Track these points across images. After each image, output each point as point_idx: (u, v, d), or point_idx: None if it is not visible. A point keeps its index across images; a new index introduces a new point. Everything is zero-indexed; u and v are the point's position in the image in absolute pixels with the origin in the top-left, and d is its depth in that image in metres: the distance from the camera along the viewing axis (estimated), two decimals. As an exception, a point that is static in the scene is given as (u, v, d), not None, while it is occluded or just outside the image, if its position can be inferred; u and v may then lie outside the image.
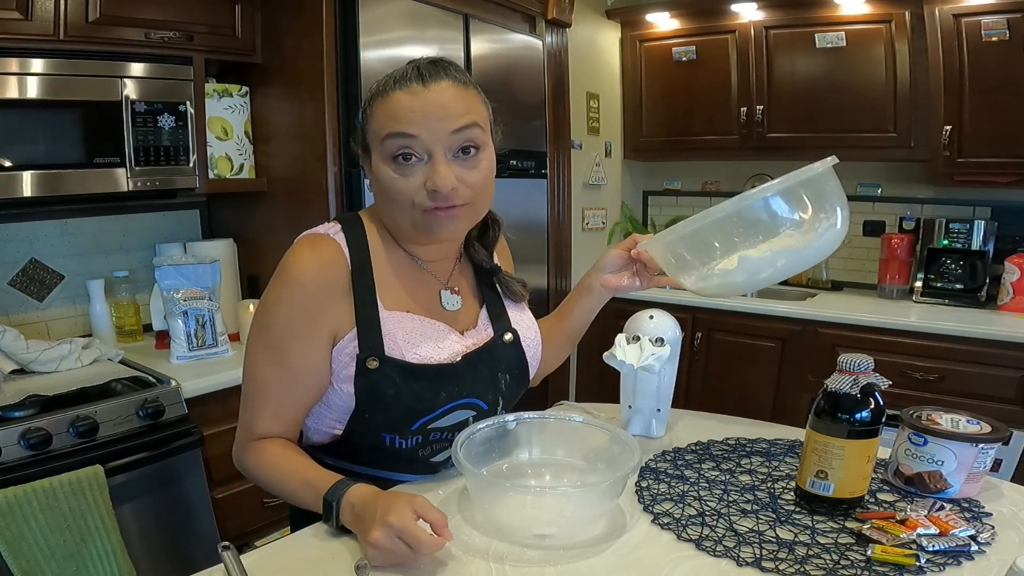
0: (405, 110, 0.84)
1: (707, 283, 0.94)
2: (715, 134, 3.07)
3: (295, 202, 2.07)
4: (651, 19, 3.14)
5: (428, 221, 0.88)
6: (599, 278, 1.07)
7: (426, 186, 0.85)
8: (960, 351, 2.30)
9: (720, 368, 2.86)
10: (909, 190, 2.86)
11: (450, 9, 2.16)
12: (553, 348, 1.14)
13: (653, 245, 0.98)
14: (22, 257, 1.95)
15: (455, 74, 0.88)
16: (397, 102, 0.85)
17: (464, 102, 0.87)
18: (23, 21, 1.58)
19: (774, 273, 0.90)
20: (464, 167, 0.87)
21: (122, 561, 1.43)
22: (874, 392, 0.86)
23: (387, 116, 0.86)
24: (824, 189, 0.87)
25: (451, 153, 0.86)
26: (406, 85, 0.85)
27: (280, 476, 0.90)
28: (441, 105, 0.85)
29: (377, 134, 0.87)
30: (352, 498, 0.81)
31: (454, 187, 0.85)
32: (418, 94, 0.85)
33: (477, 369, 0.96)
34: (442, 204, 0.86)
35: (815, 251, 0.88)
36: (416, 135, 0.84)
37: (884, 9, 2.58)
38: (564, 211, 2.90)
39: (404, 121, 0.84)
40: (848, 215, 0.88)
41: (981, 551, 0.78)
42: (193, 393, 1.69)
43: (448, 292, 0.99)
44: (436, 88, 0.85)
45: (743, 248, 0.89)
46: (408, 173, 0.86)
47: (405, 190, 0.86)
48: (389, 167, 0.87)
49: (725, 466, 1.03)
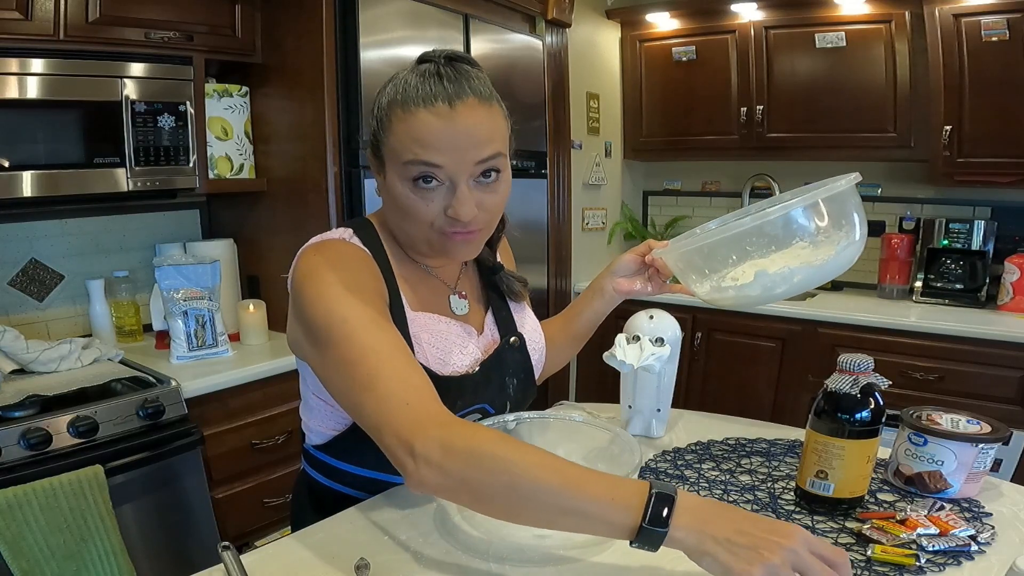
0: (431, 135, 0.80)
1: (722, 295, 0.93)
2: (715, 134, 3.07)
3: (295, 202, 2.07)
4: (651, 19, 3.14)
5: (444, 243, 0.87)
6: (612, 281, 1.07)
7: (447, 212, 0.83)
8: (960, 351, 2.30)
9: (720, 368, 2.86)
10: (909, 190, 2.86)
11: (450, 9, 2.16)
12: (559, 349, 1.14)
13: (668, 253, 0.98)
14: (22, 257, 1.95)
15: (479, 86, 0.83)
16: (422, 124, 0.80)
17: (489, 124, 0.83)
18: (23, 21, 1.58)
19: (790, 288, 0.89)
20: (484, 191, 0.85)
21: (122, 561, 1.43)
22: (874, 392, 0.86)
23: (410, 138, 0.81)
24: (845, 206, 0.85)
25: (473, 179, 0.84)
26: (431, 104, 0.80)
27: (542, 460, 0.65)
28: (468, 134, 0.80)
29: (398, 154, 0.82)
30: (687, 499, 0.63)
31: (475, 215, 0.84)
32: (444, 117, 0.80)
33: (489, 375, 0.96)
34: (461, 230, 0.85)
35: (833, 267, 0.86)
36: (442, 165, 0.81)
37: (884, 9, 2.58)
38: (564, 211, 2.90)
39: (429, 148, 0.80)
40: (866, 232, 0.87)
41: (981, 551, 0.78)
42: (193, 393, 1.69)
43: (456, 296, 0.99)
44: (463, 110, 0.80)
45: (757, 258, 0.88)
46: (428, 197, 0.83)
47: (424, 212, 0.84)
48: (407, 188, 0.83)
49: (725, 466, 1.03)
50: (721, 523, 0.61)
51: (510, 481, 0.64)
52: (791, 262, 0.86)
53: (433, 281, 0.98)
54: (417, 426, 0.69)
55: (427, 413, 0.70)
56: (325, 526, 0.88)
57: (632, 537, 0.62)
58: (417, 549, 0.81)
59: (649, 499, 0.62)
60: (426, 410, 0.70)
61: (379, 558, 0.79)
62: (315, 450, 0.99)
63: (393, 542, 0.83)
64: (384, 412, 0.71)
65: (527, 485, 0.64)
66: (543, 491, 0.64)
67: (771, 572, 0.58)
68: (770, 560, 0.58)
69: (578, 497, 0.63)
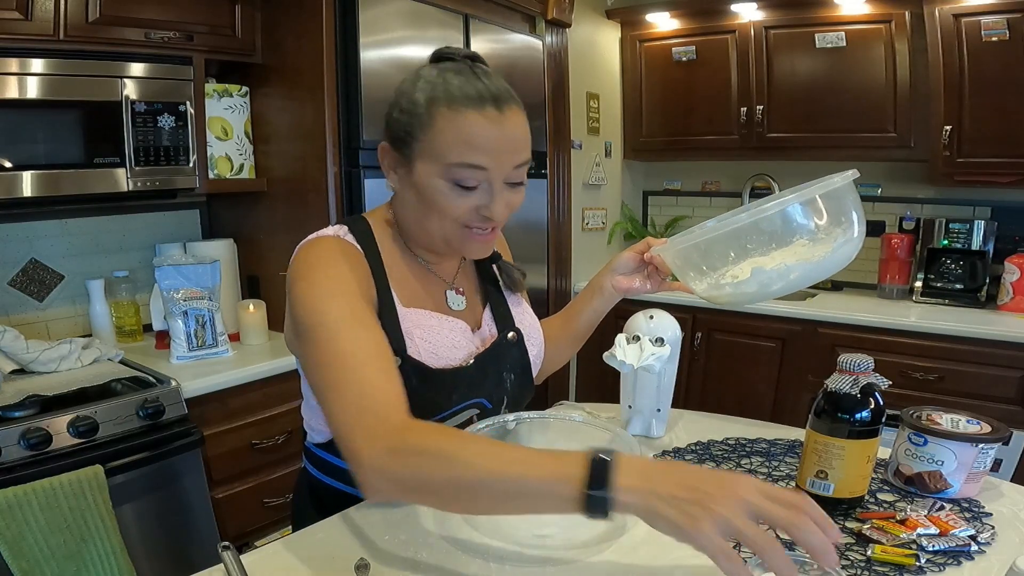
0: (483, 139, 0.82)
1: (719, 292, 0.93)
2: (715, 134, 3.07)
3: (295, 202, 2.07)
4: (651, 19, 3.14)
5: (464, 240, 0.89)
6: (611, 279, 1.08)
7: (479, 211, 0.86)
8: (960, 351, 2.30)
9: (720, 368, 2.86)
10: (909, 190, 2.86)
11: (450, 9, 2.16)
12: (559, 348, 1.14)
13: (667, 251, 0.99)
14: (22, 257, 1.95)
15: (516, 97, 0.86)
16: (474, 126, 0.81)
17: (527, 130, 0.87)
18: (23, 21, 1.58)
19: (786, 285, 0.89)
20: (512, 192, 0.89)
21: (122, 561, 1.43)
22: (874, 392, 0.86)
23: (460, 139, 0.82)
24: (843, 203, 0.86)
25: (507, 182, 0.87)
26: (482, 107, 0.81)
27: (483, 449, 0.65)
28: (514, 139, 0.84)
29: (443, 154, 0.83)
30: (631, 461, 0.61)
31: (505, 216, 0.88)
32: (495, 122, 0.82)
33: (485, 370, 0.97)
34: (485, 228, 0.88)
35: (830, 264, 0.87)
36: (488, 168, 0.83)
37: (884, 9, 2.58)
38: (564, 211, 2.90)
39: (481, 151, 0.82)
40: (864, 229, 0.87)
41: (981, 551, 0.78)
42: (193, 393, 1.69)
43: (453, 292, 1.00)
44: (510, 115, 0.83)
45: (756, 255, 0.88)
46: (465, 196, 0.85)
47: (454, 210, 0.86)
48: (446, 186, 0.85)
49: (725, 466, 1.03)
50: (666, 480, 0.59)
51: (453, 475, 0.64)
52: (787, 259, 0.86)
53: (430, 277, 0.98)
54: (369, 436, 0.68)
55: (381, 422, 0.69)
56: (325, 526, 0.88)
57: (581, 508, 0.60)
58: (417, 549, 0.81)
59: (589, 465, 0.60)
60: (381, 419, 0.69)
61: (379, 558, 0.79)
62: (316, 448, 0.99)
63: (393, 542, 0.83)
64: (343, 421, 0.72)
65: (469, 476, 0.63)
66: (486, 479, 0.63)
67: (722, 525, 0.55)
68: (720, 513, 0.55)
69: (521, 479, 0.62)
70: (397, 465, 0.66)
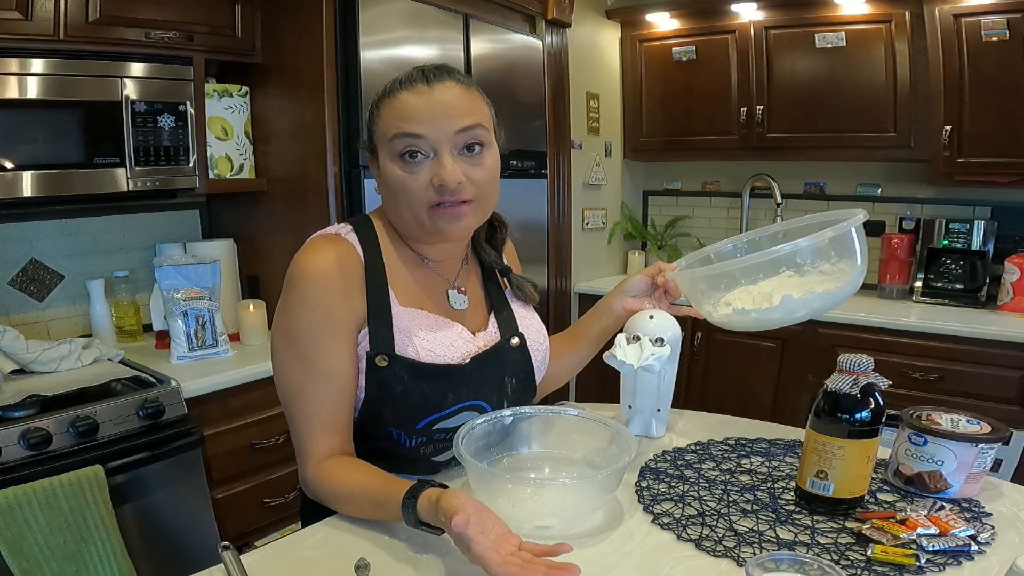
0: (411, 109, 0.87)
1: (743, 318, 0.99)
2: (715, 134, 3.07)
3: (295, 202, 2.07)
4: (651, 19, 3.14)
5: (435, 220, 0.90)
6: (622, 301, 1.11)
7: (432, 181, 0.88)
8: (960, 351, 2.30)
9: (720, 368, 2.86)
10: (909, 190, 2.86)
11: (450, 9, 2.16)
12: (564, 365, 1.17)
13: (681, 278, 1.04)
14: (22, 257, 1.95)
15: (458, 76, 0.91)
16: (403, 102, 0.88)
17: (468, 101, 0.90)
18: (23, 21, 1.58)
19: (809, 313, 0.97)
20: (469, 164, 0.90)
21: (122, 561, 1.43)
22: (874, 392, 0.86)
23: (394, 116, 0.88)
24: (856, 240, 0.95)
25: (456, 151, 0.89)
26: (411, 86, 0.88)
27: (351, 502, 0.87)
28: (446, 104, 0.88)
29: (384, 135, 0.90)
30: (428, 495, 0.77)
31: (460, 181, 0.88)
32: (423, 94, 0.88)
33: (485, 371, 0.97)
34: (448, 199, 0.88)
35: (847, 293, 0.96)
36: (423, 134, 0.87)
37: (884, 9, 2.58)
38: (564, 211, 2.90)
39: (411, 120, 0.87)
40: (867, 257, 0.97)
41: (981, 551, 0.78)
42: (193, 393, 1.69)
43: (455, 292, 1.01)
44: (441, 88, 0.88)
45: (764, 281, 0.97)
46: (415, 171, 0.88)
47: (413, 187, 0.88)
48: (396, 165, 0.89)
49: (725, 466, 1.03)
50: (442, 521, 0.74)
51: (338, 501, 0.88)
52: (815, 287, 0.94)
53: (432, 275, 0.99)
54: (302, 461, 0.91)
55: (306, 457, 0.90)
56: (325, 526, 0.88)
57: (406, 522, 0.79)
58: (417, 549, 0.81)
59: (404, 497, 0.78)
60: (305, 454, 0.90)
61: (379, 558, 0.79)
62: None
63: (393, 542, 0.83)
64: (296, 442, 0.92)
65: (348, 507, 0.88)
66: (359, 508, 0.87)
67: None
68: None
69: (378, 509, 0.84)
70: (313, 488, 0.90)
